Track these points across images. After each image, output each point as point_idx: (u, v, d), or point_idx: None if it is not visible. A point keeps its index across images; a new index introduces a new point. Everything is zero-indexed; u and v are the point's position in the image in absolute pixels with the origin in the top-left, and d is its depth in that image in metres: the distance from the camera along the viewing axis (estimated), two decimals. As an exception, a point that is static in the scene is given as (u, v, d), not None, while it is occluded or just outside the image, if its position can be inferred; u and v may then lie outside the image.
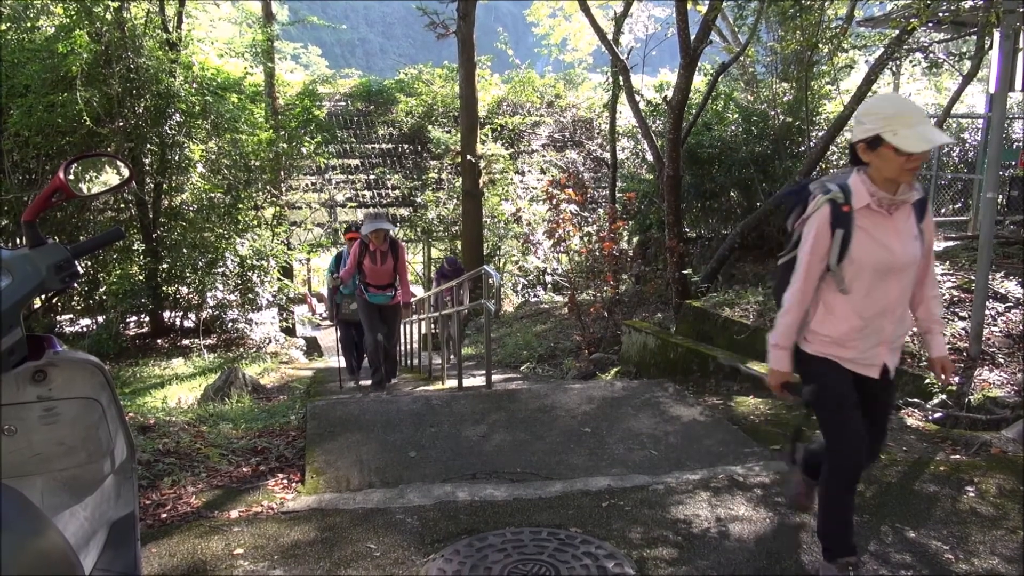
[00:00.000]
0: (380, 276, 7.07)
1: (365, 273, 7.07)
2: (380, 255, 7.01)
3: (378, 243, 6.97)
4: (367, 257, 7.04)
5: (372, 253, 7.00)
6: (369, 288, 7.09)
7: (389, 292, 7.12)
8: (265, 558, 2.87)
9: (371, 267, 7.02)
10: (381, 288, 7.10)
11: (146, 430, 4.62)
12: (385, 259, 7.03)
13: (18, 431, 1.74)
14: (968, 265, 6.26)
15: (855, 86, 8.62)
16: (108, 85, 10.59)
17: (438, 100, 19.81)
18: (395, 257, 7.08)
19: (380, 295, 7.11)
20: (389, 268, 7.05)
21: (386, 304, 7.17)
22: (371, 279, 7.07)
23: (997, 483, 3.50)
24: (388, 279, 7.09)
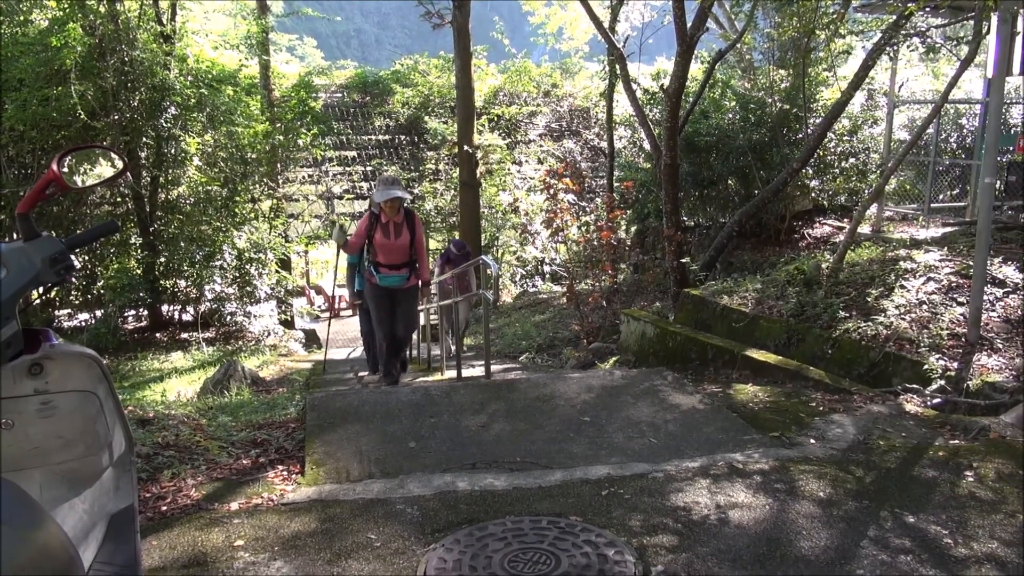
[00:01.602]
0: (393, 253, 6.15)
1: (376, 250, 6.15)
2: (394, 227, 6.08)
3: (391, 214, 6.06)
4: (379, 230, 6.09)
5: (384, 226, 6.08)
6: (380, 268, 6.19)
7: (404, 272, 6.22)
8: (266, 549, 2.87)
9: (383, 242, 6.10)
10: (394, 268, 6.20)
11: (145, 423, 4.62)
12: (400, 232, 6.08)
13: (15, 425, 1.73)
14: (966, 251, 6.26)
15: (852, 72, 8.59)
16: (102, 78, 10.54)
17: (434, 91, 19.75)
18: (411, 231, 6.14)
19: (393, 276, 6.22)
20: (404, 244, 6.12)
21: (400, 287, 6.29)
22: (383, 257, 6.16)
23: (996, 468, 3.51)
24: (403, 257, 6.17)
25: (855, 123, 10.02)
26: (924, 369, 4.70)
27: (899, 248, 6.83)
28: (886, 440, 3.92)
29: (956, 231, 7.82)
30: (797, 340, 5.65)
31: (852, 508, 3.13)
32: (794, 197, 9.77)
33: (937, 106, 6.71)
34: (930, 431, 4.05)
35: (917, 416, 4.29)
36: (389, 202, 5.99)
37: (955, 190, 10.09)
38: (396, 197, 6.00)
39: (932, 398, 4.54)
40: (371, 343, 7.80)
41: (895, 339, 5.06)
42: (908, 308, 5.39)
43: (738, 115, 10.29)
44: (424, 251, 6.41)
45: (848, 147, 9.92)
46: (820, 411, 4.46)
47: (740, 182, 10.28)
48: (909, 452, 3.77)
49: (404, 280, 6.27)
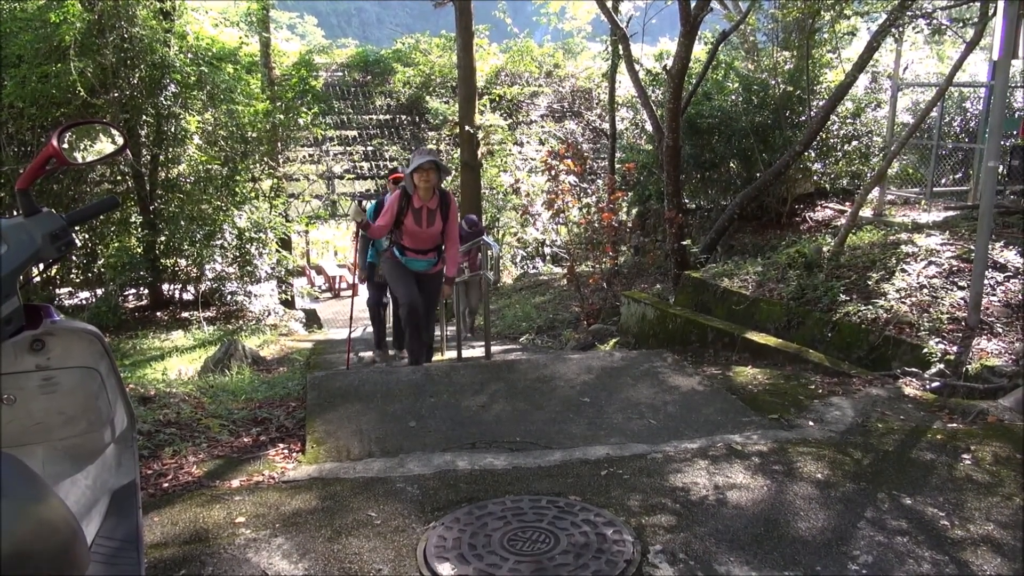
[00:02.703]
0: (423, 240, 5.56)
1: (403, 233, 5.51)
2: (427, 214, 5.42)
3: (425, 198, 5.36)
4: (410, 215, 5.41)
5: (417, 211, 5.39)
6: (406, 252, 5.62)
7: (431, 257, 5.66)
8: (266, 526, 2.89)
9: (413, 229, 5.44)
10: (421, 253, 5.63)
11: (147, 401, 4.64)
12: (433, 220, 5.46)
13: (17, 400, 1.74)
14: (968, 235, 6.25)
15: (857, 54, 8.54)
16: (102, 55, 10.48)
17: (436, 70, 19.64)
18: (445, 217, 5.50)
19: (420, 260, 5.66)
20: (436, 232, 5.52)
21: (426, 272, 5.73)
22: (409, 242, 5.54)
23: (993, 451, 3.52)
24: (432, 244, 5.60)
25: (858, 106, 9.98)
26: (924, 353, 4.71)
27: (901, 232, 6.82)
28: (884, 423, 3.94)
29: (958, 215, 7.81)
30: (797, 323, 5.65)
31: (850, 490, 3.15)
32: (796, 180, 9.76)
33: (941, 89, 6.68)
34: (928, 414, 4.07)
35: (916, 399, 4.30)
36: (423, 175, 5.26)
37: (957, 174, 10.06)
38: (432, 168, 5.27)
39: (931, 382, 4.55)
40: (378, 316, 7.52)
41: (895, 323, 5.06)
42: (909, 292, 5.39)
43: (741, 97, 10.24)
44: (457, 241, 5.70)
45: (851, 130, 9.89)
46: (819, 394, 4.47)
47: (742, 164, 10.25)
48: (907, 435, 3.79)
49: (431, 265, 5.71)
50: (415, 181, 5.31)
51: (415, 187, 5.34)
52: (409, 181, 5.35)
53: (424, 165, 5.24)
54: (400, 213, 5.40)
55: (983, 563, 2.60)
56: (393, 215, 5.42)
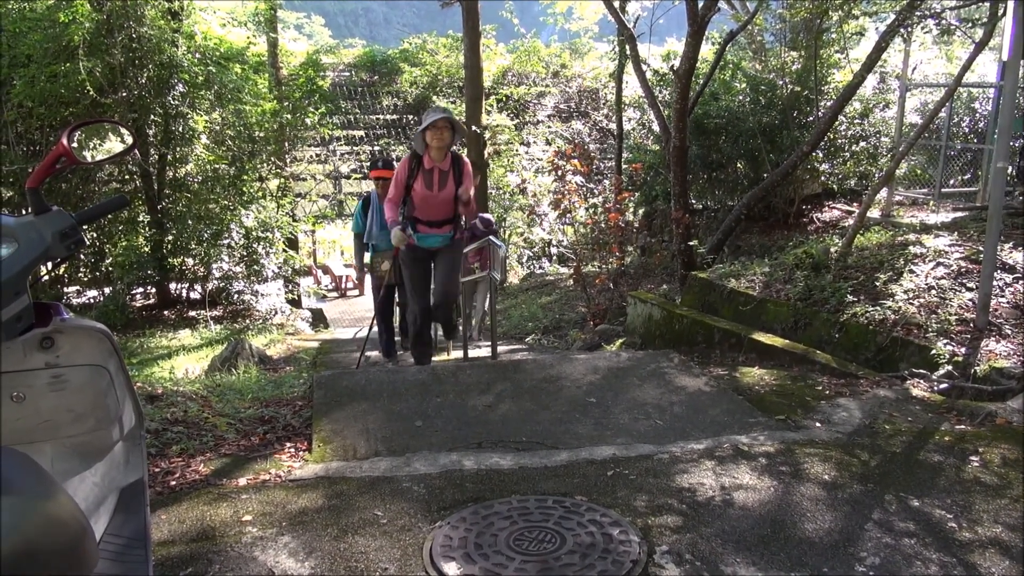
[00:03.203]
0: (435, 208, 5.11)
1: (413, 204, 5.13)
2: (439, 176, 5.00)
3: (437, 159, 4.95)
4: (420, 178, 5.00)
5: (427, 173, 5.00)
6: (418, 226, 5.19)
7: (447, 231, 5.21)
8: (273, 525, 2.90)
9: (424, 194, 5.06)
10: (435, 225, 5.19)
11: (154, 399, 4.66)
12: (445, 183, 5.03)
13: (27, 398, 1.75)
14: (976, 236, 6.22)
15: (865, 54, 8.51)
16: (110, 55, 10.51)
17: (442, 70, 19.66)
18: (458, 180, 5.08)
19: (433, 235, 5.23)
20: (449, 197, 5.10)
21: (442, 247, 5.30)
22: (421, 212, 5.15)
23: (1002, 453, 3.51)
24: (447, 212, 5.16)
25: (866, 106, 9.94)
26: (931, 354, 4.69)
27: (909, 233, 6.79)
28: (892, 424, 3.92)
29: (966, 216, 7.78)
30: (804, 324, 5.64)
31: (857, 491, 3.14)
32: (803, 180, 9.72)
33: (950, 89, 6.65)
34: (936, 416, 4.05)
35: (923, 401, 4.28)
36: (437, 132, 4.86)
37: (966, 175, 10.01)
38: (444, 118, 4.86)
39: (939, 383, 4.53)
40: (386, 321, 7.18)
41: (903, 324, 5.05)
42: (917, 293, 5.37)
43: (748, 97, 10.21)
44: (474, 203, 5.31)
45: (859, 130, 9.85)
46: (826, 395, 4.45)
47: (749, 165, 10.22)
48: (915, 436, 3.77)
49: (447, 240, 5.28)
50: (427, 140, 4.92)
51: (426, 147, 4.95)
52: (420, 141, 4.98)
53: (438, 122, 4.89)
54: (410, 177, 5.00)
55: (991, 565, 2.59)
56: (403, 182, 5.05)
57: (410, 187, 5.05)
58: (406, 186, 5.07)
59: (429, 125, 4.93)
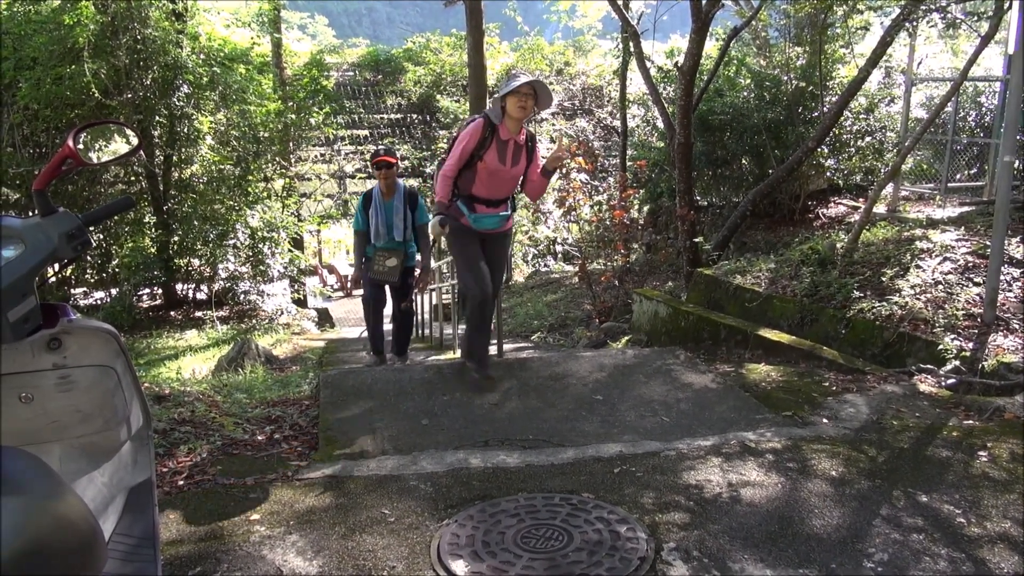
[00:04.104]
0: (501, 185, 4.57)
1: (476, 178, 4.49)
2: (513, 149, 4.47)
3: (514, 130, 4.41)
4: (493, 148, 4.41)
5: (503, 144, 4.43)
6: (476, 206, 4.59)
7: (504, 211, 4.72)
8: (281, 523, 2.91)
9: (495, 167, 4.46)
10: (494, 205, 4.65)
11: (161, 400, 4.68)
12: (518, 159, 4.53)
13: (35, 399, 1.75)
14: (983, 230, 6.19)
15: (870, 49, 8.47)
16: (115, 57, 10.56)
17: (446, 69, 19.65)
18: (530, 159, 4.63)
19: (491, 216, 4.67)
20: (519, 175, 4.62)
21: (496, 231, 4.78)
22: (484, 188, 4.54)
23: (1010, 448, 3.49)
24: (509, 191, 4.70)
25: (872, 101, 9.91)
26: (939, 349, 4.68)
27: (915, 228, 6.77)
28: (899, 420, 3.91)
29: (973, 211, 7.74)
30: (811, 320, 5.62)
31: (864, 487, 3.13)
32: (809, 176, 9.70)
33: (956, 84, 6.61)
34: (944, 411, 4.04)
35: (931, 396, 4.27)
36: (520, 105, 4.30)
37: (972, 169, 9.97)
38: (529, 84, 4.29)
39: (946, 378, 4.51)
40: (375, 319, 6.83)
41: (910, 319, 5.03)
42: (923, 288, 5.35)
43: (753, 93, 10.19)
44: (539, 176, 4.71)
45: (864, 125, 9.82)
46: (833, 391, 4.44)
47: (754, 161, 10.20)
48: (922, 432, 3.76)
49: (503, 222, 4.73)
50: (507, 108, 4.34)
51: (504, 115, 4.38)
52: (497, 109, 4.41)
53: (523, 88, 4.30)
54: (480, 147, 4.36)
55: (1000, 561, 2.58)
56: (470, 152, 4.40)
57: (476, 159, 4.39)
58: (472, 157, 4.39)
59: (512, 91, 4.30)
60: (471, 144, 4.39)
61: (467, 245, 4.66)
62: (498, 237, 4.79)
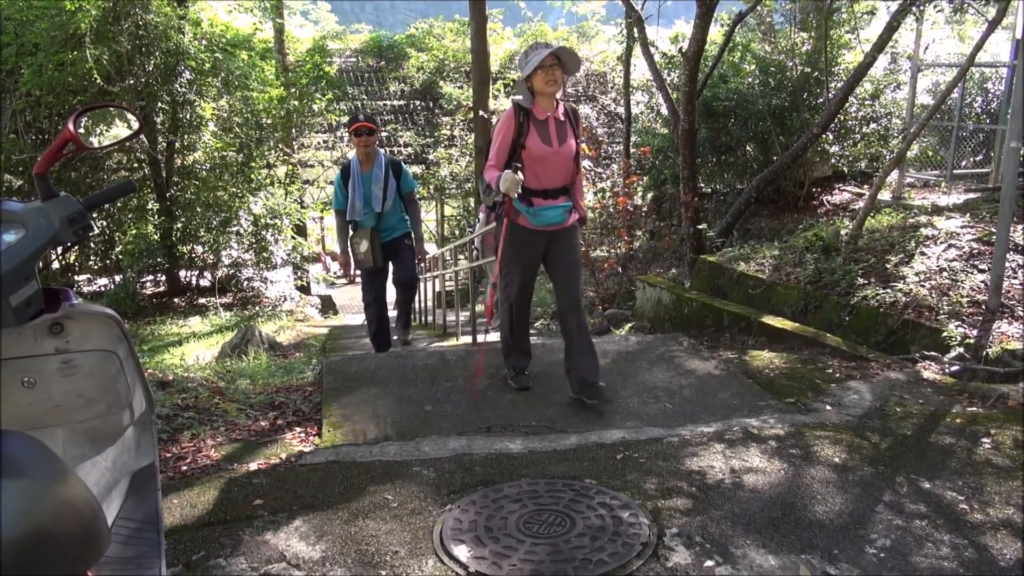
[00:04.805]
0: (555, 170, 4.02)
1: (525, 170, 3.95)
2: (555, 126, 3.99)
3: (549, 107, 3.96)
4: (532, 132, 3.94)
5: (542, 124, 3.95)
6: (533, 198, 4.02)
7: (565, 202, 4.10)
8: (284, 508, 2.92)
9: (541, 151, 3.95)
10: (552, 195, 4.05)
11: (165, 386, 4.69)
12: (564, 136, 4.02)
13: (37, 383, 1.75)
14: (989, 217, 6.16)
15: (876, 35, 8.40)
16: (117, 43, 10.51)
17: (449, 55, 19.57)
18: (575, 134, 4.10)
19: (552, 208, 4.05)
20: (570, 154, 4.05)
21: (560, 227, 4.13)
22: (537, 178, 4.00)
23: (1013, 435, 3.49)
24: (566, 175, 4.08)
25: (877, 87, 9.83)
26: (943, 336, 4.66)
27: (920, 215, 6.74)
28: (903, 407, 3.91)
29: (979, 197, 7.70)
30: (814, 307, 5.61)
31: (867, 473, 3.13)
32: (813, 163, 9.65)
33: (962, 69, 6.56)
34: (948, 398, 4.03)
35: (935, 383, 4.26)
36: (549, 78, 3.87)
37: (978, 156, 9.91)
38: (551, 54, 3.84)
39: (950, 365, 4.50)
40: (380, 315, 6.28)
41: (914, 306, 5.01)
42: (928, 275, 5.33)
43: (757, 79, 10.13)
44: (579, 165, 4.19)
45: (870, 112, 9.75)
46: (837, 378, 4.44)
47: (759, 148, 10.15)
48: (926, 419, 3.75)
49: (566, 214, 4.12)
50: (536, 85, 3.91)
51: (534, 95, 3.95)
52: (524, 91, 3.98)
53: (546, 61, 3.84)
54: (519, 134, 3.92)
55: (1003, 547, 2.58)
56: (510, 142, 3.94)
57: (519, 148, 3.93)
58: (513, 147, 3.94)
59: (538, 66, 3.87)
60: (508, 134, 3.96)
61: (523, 253, 4.15)
62: (564, 234, 4.17)
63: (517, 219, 4.08)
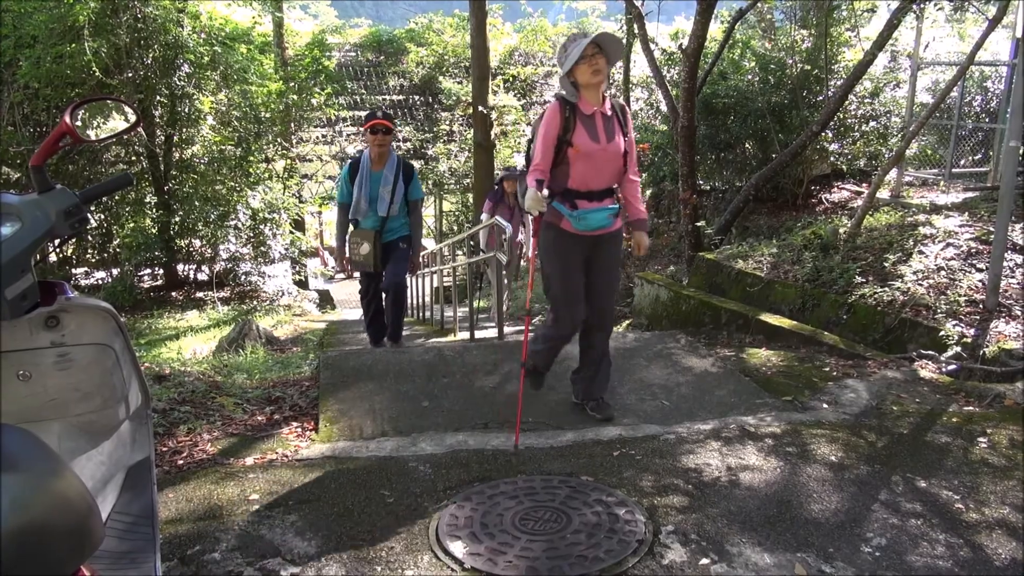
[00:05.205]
0: (603, 169, 3.68)
1: (570, 166, 3.64)
2: (603, 122, 3.64)
3: (595, 100, 3.62)
4: (579, 127, 3.60)
5: (588, 119, 3.61)
6: (577, 200, 3.67)
7: (612, 204, 3.75)
8: (280, 504, 2.91)
9: (590, 150, 3.61)
10: (598, 197, 3.70)
11: (162, 379, 4.68)
12: (612, 132, 3.67)
13: (33, 376, 1.75)
14: (987, 216, 6.16)
15: (876, 32, 8.39)
16: (116, 35, 10.48)
17: (449, 50, 19.52)
18: (624, 131, 3.74)
19: (599, 210, 3.69)
20: (619, 151, 3.69)
21: (606, 232, 3.78)
22: (583, 178, 3.66)
23: (1009, 435, 3.49)
24: (615, 175, 3.75)
25: (877, 85, 9.83)
26: (940, 335, 4.67)
27: (918, 213, 6.74)
28: (900, 405, 3.91)
29: (977, 196, 7.70)
30: (812, 305, 5.61)
31: (864, 472, 3.13)
32: (812, 161, 9.64)
33: (962, 68, 6.55)
34: (944, 397, 4.03)
35: (932, 382, 4.26)
36: (593, 68, 3.52)
37: (977, 155, 9.91)
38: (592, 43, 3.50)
39: (947, 364, 4.51)
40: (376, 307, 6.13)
41: (912, 305, 5.02)
42: (926, 274, 5.33)
43: (757, 76, 10.11)
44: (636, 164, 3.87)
45: (869, 110, 9.74)
46: (834, 376, 4.44)
47: (758, 145, 10.14)
48: (922, 418, 3.76)
49: (613, 217, 3.77)
50: (580, 78, 3.57)
51: (579, 89, 3.62)
52: (567, 85, 3.63)
53: (587, 51, 3.50)
54: (565, 131, 3.59)
55: (997, 546, 2.58)
56: (555, 138, 3.60)
57: (565, 146, 3.60)
58: (559, 144, 3.61)
59: (580, 58, 3.52)
60: (553, 130, 3.60)
61: (568, 259, 3.75)
62: (608, 240, 3.82)
63: (559, 223, 3.72)
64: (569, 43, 3.60)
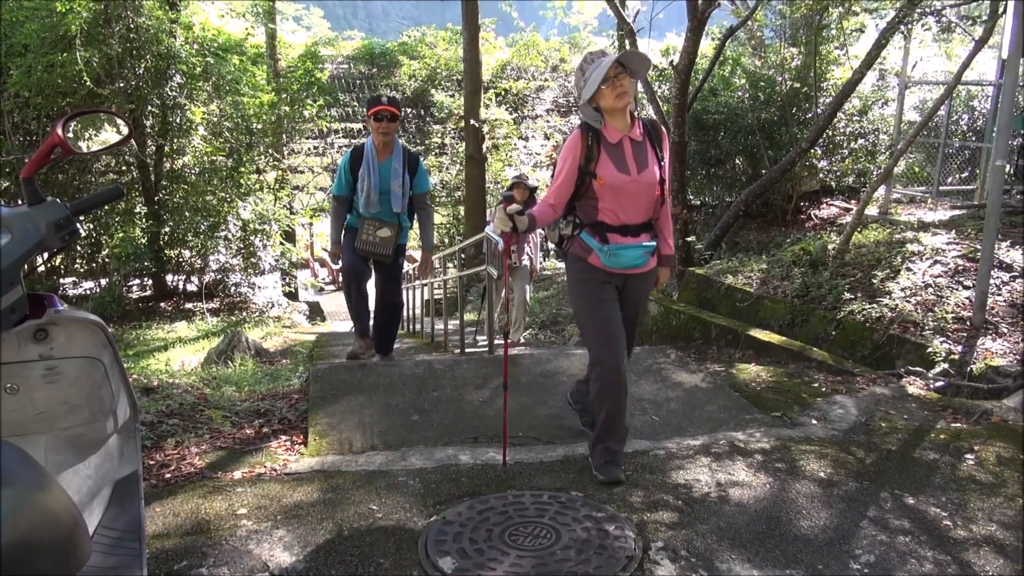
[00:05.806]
0: (635, 202, 3.27)
1: (598, 198, 3.24)
2: (632, 149, 3.23)
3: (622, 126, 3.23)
4: (604, 155, 3.20)
5: (614, 148, 3.22)
6: (609, 234, 3.27)
7: (648, 241, 3.33)
8: (268, 518, 2.89)
9: (618, 181, 3.20)
10: (633, 232, 3.29)
11: (149, 392, 4.65)
12: (645, 160, 3.26)
13: (20, 389, 1.74)
14: (974, 234, 6.22)
15: (865, 51, 8.49)
16: (108, 45, 10.48)
17: (441, 63, 19.60)
18: (659, 157, 3.31)
19: (632, 248, 3.28)
20: (653, 181, 3.27)
21: (640, 270, 3.37)
22: (613, 212, 3.26)
23: (997, 451, 3.51)
24: (649, 208, 3.32)
25: (865, 103, 9.93)
26: (928, 352, 4.70)
27: (906, 230, 6.80)
28: (888, 422, 3.93)
29: (964, 214, 7.78)
30: (801, 321, 5.64)
31: (852, 488, 3.14)
32: (802, 177, 9.72)
33: (949, 87, 6.63)
34: (932, 414, 4.05)
35: (920, 399, 4.29)
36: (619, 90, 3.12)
37: (964, 173, 10.02)
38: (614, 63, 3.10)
39: (935, 381, 4.53)
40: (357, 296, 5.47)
41: (900, 321, 5.05)
42: (914, 291, 5.37)
43: (747, 93, 10.21)
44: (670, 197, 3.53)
45: (858, 127, 9.85)
46: (822, 392, 4.46)
47: (748, 161, 10.22)
48: (911, 434, 3.77)
49: (647, 256, 3.37)
50: (604, 103, 3.19)
51: (603, 115, 3.24)
52: (590, 111, 3.26)
53: (609, 72, 3.10)
54: (588, 161, 3.20)
55: (985, 564, 2.59)
56: (577, 169, 3.22)
57: (589, 177, 3.22)
58: (582, 176, 3.23)
59: (602, 81, 3.12)
60: (574, 162, 3.21)
61: (598, 294, 3.32)
62: (640, 279, 3.42)
63: (588, 257, 3.32)
64: (587, 64, 3.21)
